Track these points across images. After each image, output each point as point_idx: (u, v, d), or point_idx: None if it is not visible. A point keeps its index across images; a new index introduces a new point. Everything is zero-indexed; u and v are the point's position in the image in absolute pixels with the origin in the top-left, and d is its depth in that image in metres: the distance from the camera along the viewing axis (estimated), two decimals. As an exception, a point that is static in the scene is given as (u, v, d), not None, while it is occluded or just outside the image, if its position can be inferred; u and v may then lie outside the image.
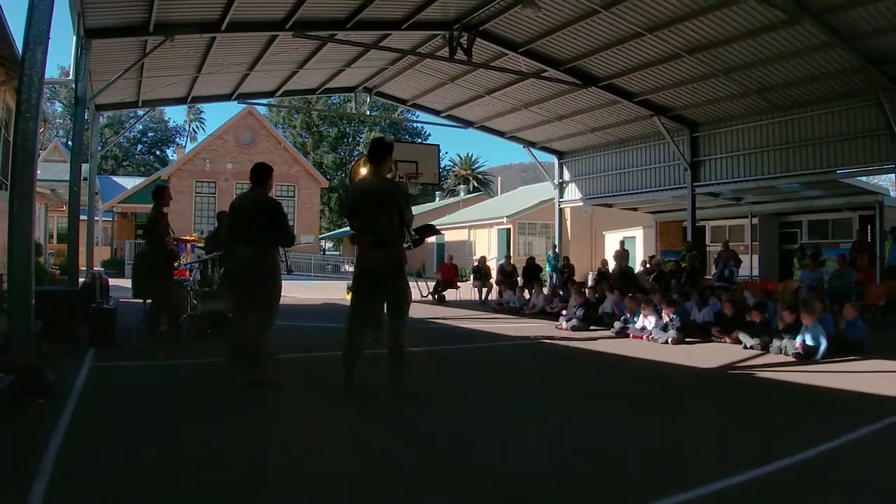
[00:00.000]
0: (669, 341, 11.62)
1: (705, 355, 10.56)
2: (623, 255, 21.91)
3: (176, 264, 12.40)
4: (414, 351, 7.40)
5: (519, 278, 22.03)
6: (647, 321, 12.72)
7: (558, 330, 13.89)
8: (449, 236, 40.39)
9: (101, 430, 5.49)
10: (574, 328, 13.84)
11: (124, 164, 71.65)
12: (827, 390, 7.95)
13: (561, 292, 17.55)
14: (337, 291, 22.38)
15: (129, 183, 45.83)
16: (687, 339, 11.79)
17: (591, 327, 14.04)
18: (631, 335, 12.81)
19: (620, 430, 5.97)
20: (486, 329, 14.05)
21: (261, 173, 8.06)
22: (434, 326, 14.57)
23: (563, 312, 14.82)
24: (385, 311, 7.00)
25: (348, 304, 7.68)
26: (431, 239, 42.77)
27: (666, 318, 12.27)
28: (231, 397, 6.89)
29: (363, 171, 7.40)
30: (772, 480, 4.46)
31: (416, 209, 51.79)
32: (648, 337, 12.40)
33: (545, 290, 18.88)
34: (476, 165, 68.68)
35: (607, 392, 8.09)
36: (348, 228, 8.07)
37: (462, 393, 7.42)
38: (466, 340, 12.65)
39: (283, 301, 8.61)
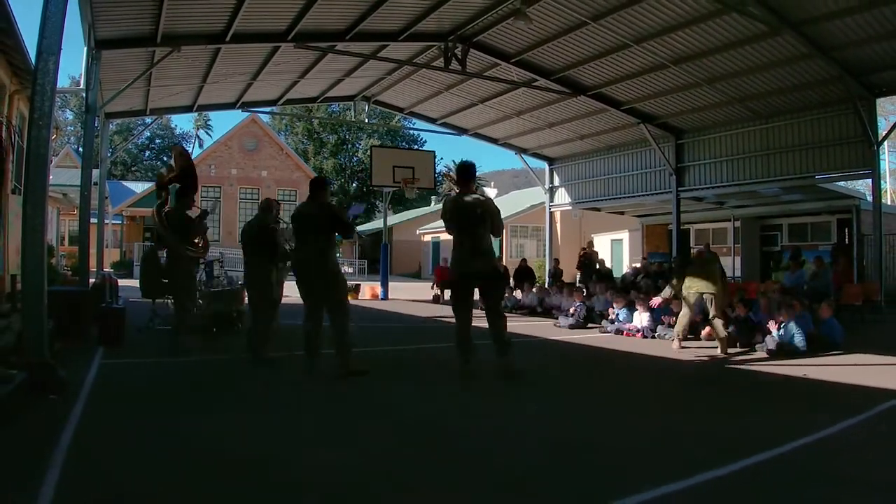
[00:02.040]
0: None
1: (693, 351, 10.61)
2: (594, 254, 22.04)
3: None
4: (419, 349, 7.43)
5: (511, 279, 22.02)
6: (641, 318, 12.80)
7: (557, 328, 13.99)
8: (444, 239, 40.34)
9: (111, 424, 5.49)
10: (572, 326, 13.95)
11: (133, 169, 71.34)
12: (807, 384, 7.99)
13: (551, 293, 17.63)
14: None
15: (138, 188, 45.84)
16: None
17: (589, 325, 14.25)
18: (625, 332, 12.86)
19: (611, 422, 5.99)
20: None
21: (316, 185, 8.41)
22: (433, 325, 14.61)
23: (569, 312, 14.87)
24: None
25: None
26: (427, 239, 42.86)
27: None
28: (236, 394, 6.90)
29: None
30: (752, 473, 4.48)
31: (413, 213, 51.89)
32: (642, 334, 12.47)
33: (534, 291, 18.88)
34: (470, 171, 68.58)
35: (600, 386, 8.11)
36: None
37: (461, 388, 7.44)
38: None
39: (290, 301, 8.69)
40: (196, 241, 9.90)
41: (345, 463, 4.56)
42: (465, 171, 8.15)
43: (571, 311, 14.69)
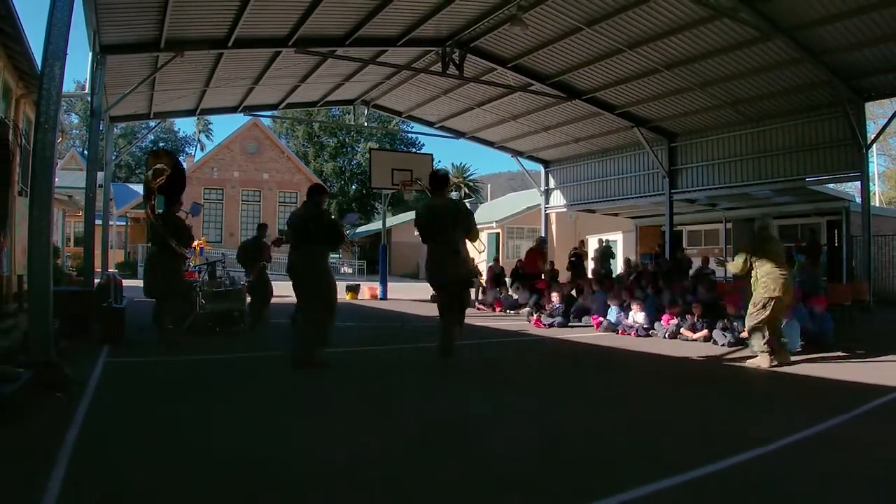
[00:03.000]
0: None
1: (687, 348, 10.61)
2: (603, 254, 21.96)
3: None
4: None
5: (507, 279, 22.01)
6: (637, 317, 12.82)
7: (536, 326, 13.99)
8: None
9: (116, 422, 5.49)
10: (559, 325, 13.94)
11: (137, 172, 70.99)
12: (799, 380, 8.01)
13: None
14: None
15: (142, 190, 45.65)
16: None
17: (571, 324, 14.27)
18: (620, 331, 12.87)
19: (604, 418, 5.99)
20: (481, 324, 14.06)
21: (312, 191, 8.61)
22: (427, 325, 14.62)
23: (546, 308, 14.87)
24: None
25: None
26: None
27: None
28: (239, 392, 6.89)
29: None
30: (746, 468, 4.49)
31: (411, 214, 51.81)
32: (636, 333, 12.48)
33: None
34: (467, 173, 68.43)
35: (591, 383, 8.11)
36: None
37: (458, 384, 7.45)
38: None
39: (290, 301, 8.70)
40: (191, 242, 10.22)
41: (346, 460, 4.56)
42: (437, 179, 8.32)
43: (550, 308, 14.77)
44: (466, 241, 8.15)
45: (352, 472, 4.31)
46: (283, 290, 11.07)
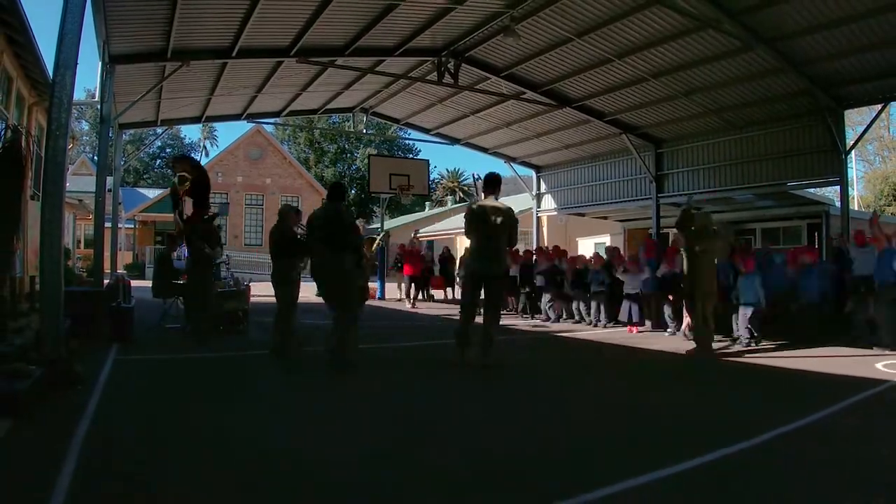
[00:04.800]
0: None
1: (671, 342, 10.64)
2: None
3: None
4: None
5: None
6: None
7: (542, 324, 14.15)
8: (438, 241, 40.39)
9: (124, 417, 5.50)
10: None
11: (144, 176, 71.21)
12: (782, 373, 8.05)
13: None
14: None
15: (150, 194, 45.78)
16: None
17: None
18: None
19: (592, 412, 6.02)
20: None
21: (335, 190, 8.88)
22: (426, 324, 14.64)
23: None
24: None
25: None
26: (423, 241, 42.86)
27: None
28: (243, 389, 6.90)
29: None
30: (727, 461, 4.51)
31: (408, 217, 51.86)
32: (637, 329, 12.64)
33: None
34: (462, 178, 68.60)
35: (580, 378, 8.13)
36: None
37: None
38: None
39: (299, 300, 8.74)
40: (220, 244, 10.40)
41: (347, 457, 4.57)
42: (490, 182, 8.63)
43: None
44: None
45: (358, 469, 4.32)
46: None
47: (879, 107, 16.23)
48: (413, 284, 20.31)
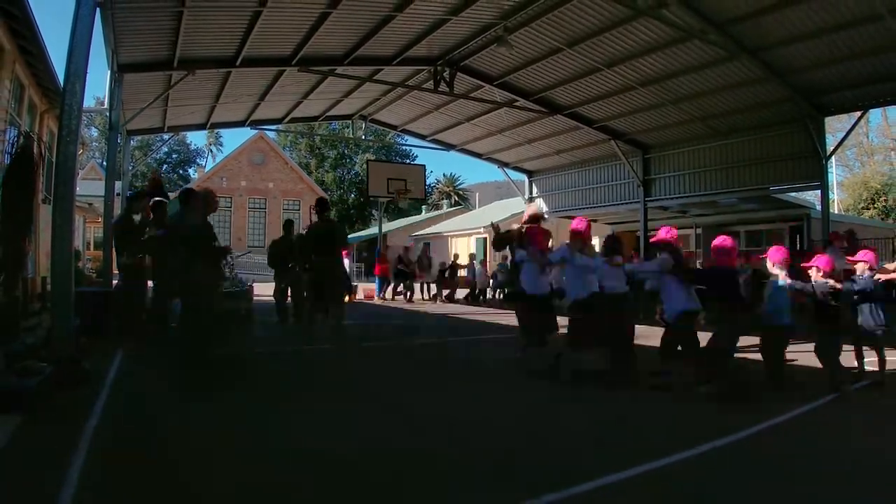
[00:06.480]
0: None
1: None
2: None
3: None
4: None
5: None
6: None
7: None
8: (434, 242, 40.43)
9: (132, 413, 5.50)
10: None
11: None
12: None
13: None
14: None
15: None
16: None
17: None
18: None
19: (581, 410, 6.03)
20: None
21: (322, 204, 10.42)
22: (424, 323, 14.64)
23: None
24: None
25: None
26: (419, 244, 42.85)
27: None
28: (245, 385, 6.89)
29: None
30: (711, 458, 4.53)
31: (406, 221, 51.82)
32: None
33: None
34: (457, 183, 68.46)
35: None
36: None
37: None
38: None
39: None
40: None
41: (347, 455, 4.58)
42: (321, 204, 10.23)
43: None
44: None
45: (358, 468, 4.33)
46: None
47: (859, 114, 16.30)
48: (384, 283, 22.20)
